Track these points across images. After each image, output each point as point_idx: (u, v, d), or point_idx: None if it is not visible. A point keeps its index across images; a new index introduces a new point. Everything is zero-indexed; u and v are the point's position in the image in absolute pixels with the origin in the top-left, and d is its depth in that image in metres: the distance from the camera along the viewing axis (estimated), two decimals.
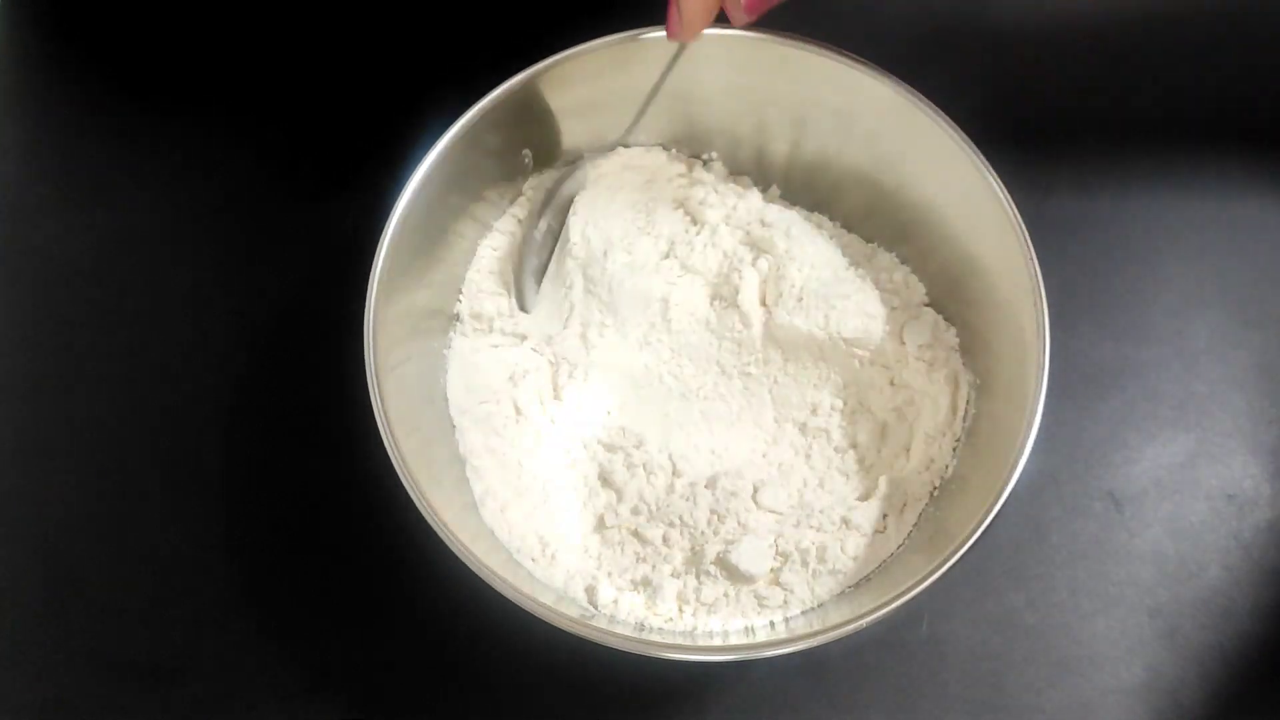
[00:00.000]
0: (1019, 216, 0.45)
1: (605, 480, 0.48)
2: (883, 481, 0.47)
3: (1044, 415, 0.42)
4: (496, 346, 0.51)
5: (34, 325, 0.54)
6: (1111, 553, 0.50)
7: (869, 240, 0.52)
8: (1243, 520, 0.51)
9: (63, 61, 0.60)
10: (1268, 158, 0.58)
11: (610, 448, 0.48)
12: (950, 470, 0.47)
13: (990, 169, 0.45)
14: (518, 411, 0.49)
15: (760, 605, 0.45)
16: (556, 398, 0.49)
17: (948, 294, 0.50)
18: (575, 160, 0.51)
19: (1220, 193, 0.57)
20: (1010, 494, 0.41)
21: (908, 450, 0.48)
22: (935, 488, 0.47)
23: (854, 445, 0.49)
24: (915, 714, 0.48)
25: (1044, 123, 0.58)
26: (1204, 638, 0.49)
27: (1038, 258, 0.44)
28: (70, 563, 0.50)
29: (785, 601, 0.45)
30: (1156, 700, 0.48)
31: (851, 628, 0.40)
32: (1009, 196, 0.45)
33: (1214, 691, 0.48)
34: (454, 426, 0.49)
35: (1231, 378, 0.54)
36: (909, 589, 0.40)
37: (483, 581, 0.40)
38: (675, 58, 0.49)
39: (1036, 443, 0.42)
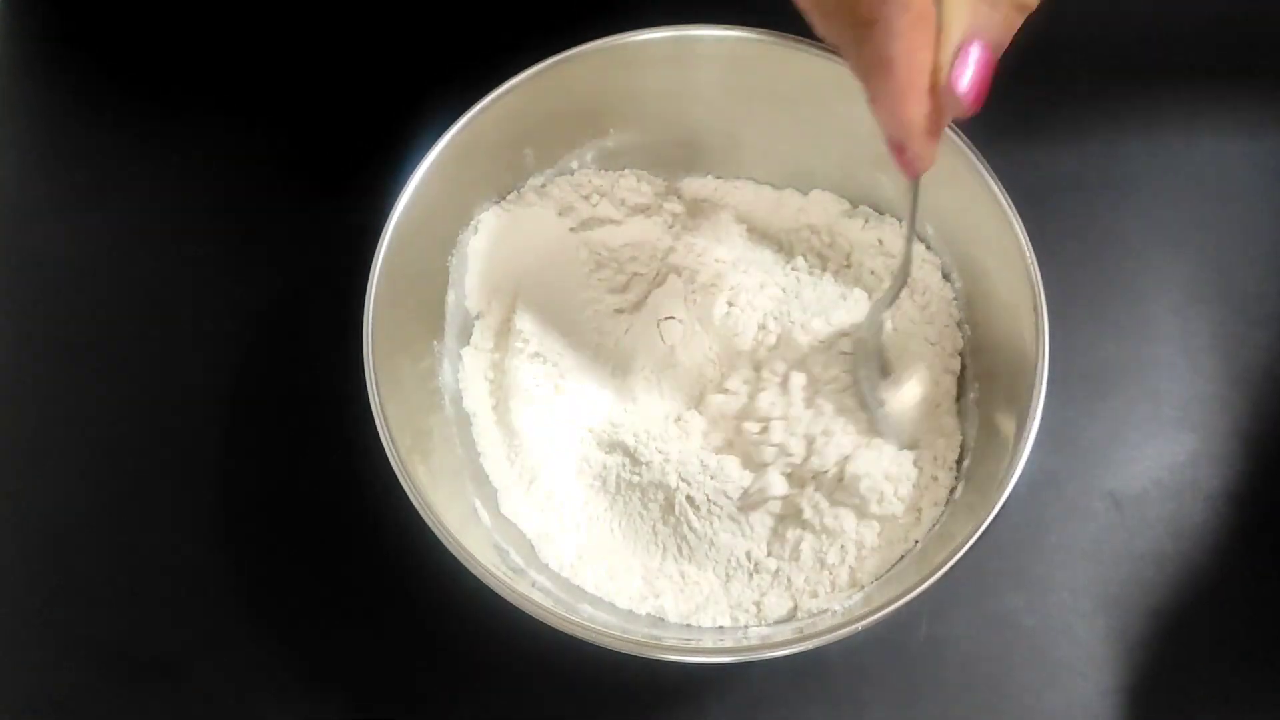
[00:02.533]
0: (1019, 218, 0.44)
1: (605, 481, 0.48)
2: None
3: (1045, 415, 0.42)
4: (496, 342, 0.51)
5: (33, 325, 0.55)
6: (1112, 553, 0.50)
7: None
8: (1245, 521, 0.51)
9: (63, 62, 0.60)
10: (1269, 155, 0.58)
11: (609, 447, 0.48)
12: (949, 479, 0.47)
13: (989, 169, 0.45)
14: (515, 410, 0.49)
15: (758, 609, 0.45)
16: (559, 393, 0.50)
17: None
18: None
19: (1223, 190, 0.57)
20: (1010, 494, 0.41)
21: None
22: (938, 500, 0.47)
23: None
24: (915, 715, 0.48)
25: (1044, 120, 0.58)
26: (1205, 639, 0.49)
27: (1039, 257, 0.44)
28: (70, 561, 0.50)
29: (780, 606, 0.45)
30: (1157, 701, 0.48)
31: (850, 629, 0.40)
32: (1008, 197, 0.45)
33: (1215, 692, 0.48)
34: (451, 423, 0.49)
35: (1234, 377, 0.53)
36: (908, 590, 0.40)
37: (479, 580, 0.40)
38: (677, 59, 0.49)
39: (1037, 442, 0.42)
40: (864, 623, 0.40)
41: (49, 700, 0.48)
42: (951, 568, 0.40)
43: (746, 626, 0.45)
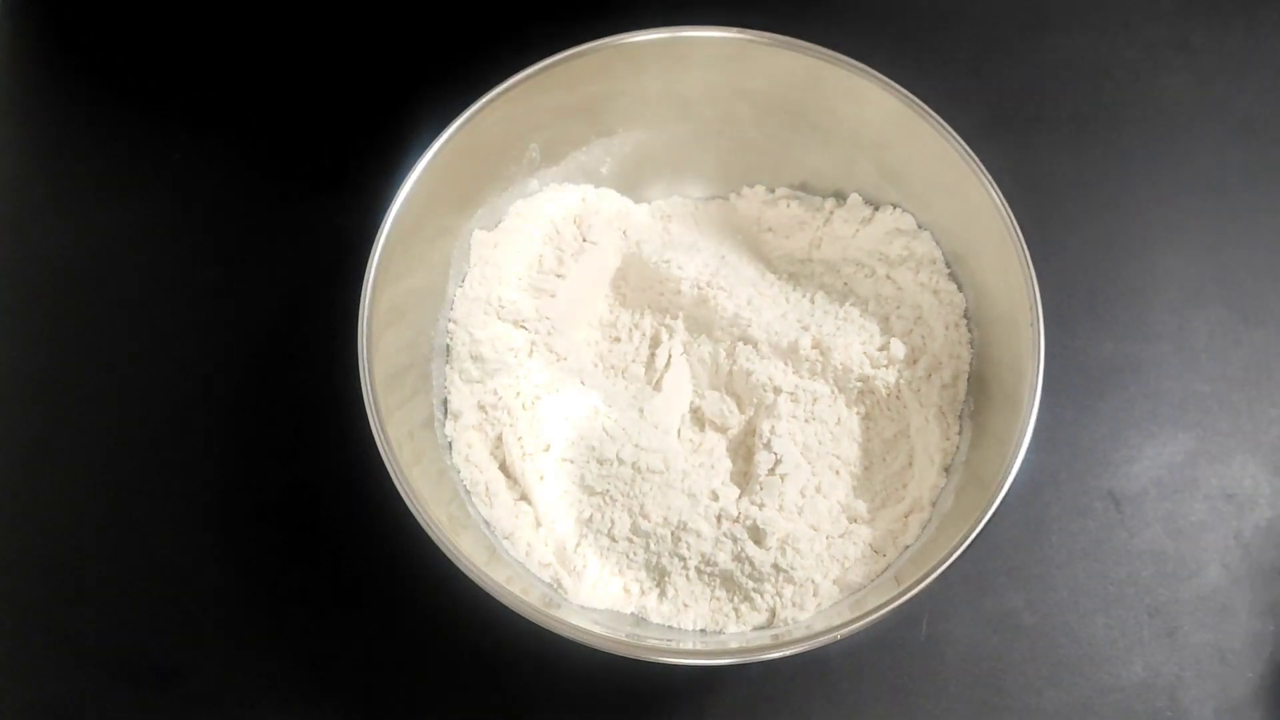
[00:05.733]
0: (1015, 221, 0.44)
1: (590, 485, 0.48)
2: (884, 493, 0.47)
3: (1043, 415, 0.42)
4: (496, 338, 0.51)
5: (32, 326, 0.54)
6: (1111, 552, 0.50)
7: None
8: (1242, 519, 0.51)
9: (62, 64, 0.59)
10: (1266, 155, 0.58)
11: (597, 450, 0.48)
12: (949, 479, 0.47)
13: (986, 173, 0.45)
14: (510, 405, 0.49)
15: (754, 609, 0.45)
16: (551, 391, 0.49)
17: None
18: None
19: (1220, 188, 0.57)
20: (1009, 494, 0.41)
21: (911, 462, 0.48)
22: (934, 502, 0.47)
23: (854, 460, 0.49)
24: (915, 714, 0.48)
25: (1043, 119, 0.58)
26: (1203, 637, 0.49)
27: (1037, 257, 0.44)
28: (70, 564, 0.50)
29: (781, 605, 0.45)
30: (1155, 699, 0.48)
31: (850, 629, 0.40)
32: (1004, 199, 0.45)
33: (1213, 691, 0.48)
34: (447, 421, 0.49)
35: (1232, 376, 0.53)
36: (907, 590, 0.40)
37: (473, 583, 0.40)
38: (681, 60, 0.49)
39: (1036, 442, 0.42)
40: (862, 624, 0.40)
41: (51, 706, 0.48)
42: (950, 568, 0.40)
43: (724, 630, 0.45)
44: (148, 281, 0.55)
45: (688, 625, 0.45)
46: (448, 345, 0.50)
